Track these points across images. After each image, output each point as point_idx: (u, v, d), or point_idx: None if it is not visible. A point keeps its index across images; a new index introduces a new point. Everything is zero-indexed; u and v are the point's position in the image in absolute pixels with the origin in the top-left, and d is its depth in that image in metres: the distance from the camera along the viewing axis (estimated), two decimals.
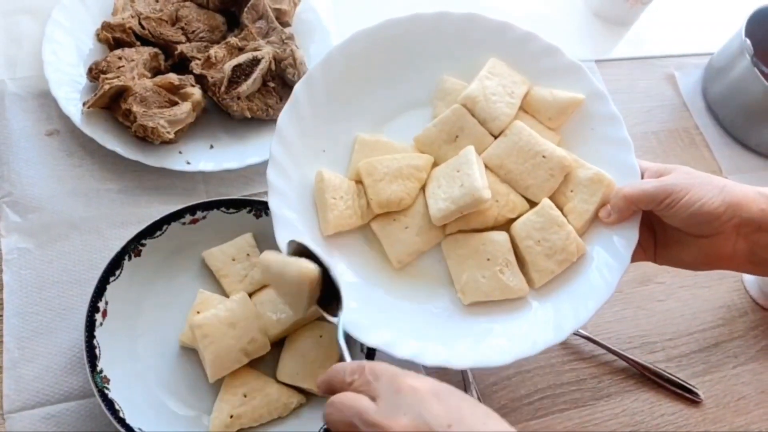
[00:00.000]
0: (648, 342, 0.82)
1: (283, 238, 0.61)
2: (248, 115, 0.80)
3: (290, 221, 0.62)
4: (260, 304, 0.69)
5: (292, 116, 0.66)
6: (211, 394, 0.66)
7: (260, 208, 0.72)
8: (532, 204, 0.68)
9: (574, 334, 0.78)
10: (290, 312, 0.69)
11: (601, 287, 0.63)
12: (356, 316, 0.60)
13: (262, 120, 0.82)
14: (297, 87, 0.66)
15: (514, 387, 0.75)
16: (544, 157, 0.66)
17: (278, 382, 0.67)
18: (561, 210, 0.67)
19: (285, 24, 0.87)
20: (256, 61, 0.79)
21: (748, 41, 0.95)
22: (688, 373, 0.80)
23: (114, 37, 0.80)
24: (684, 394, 0.78)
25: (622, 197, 0.64)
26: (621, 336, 0.81)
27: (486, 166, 0.68)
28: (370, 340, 0.59)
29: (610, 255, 0.65)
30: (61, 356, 0.66)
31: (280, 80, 0.83)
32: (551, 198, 0.67)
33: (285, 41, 0.82)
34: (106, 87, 0.73)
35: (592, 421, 0.75)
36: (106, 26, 0.79)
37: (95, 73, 0.76)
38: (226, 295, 0.70)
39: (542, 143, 0.67)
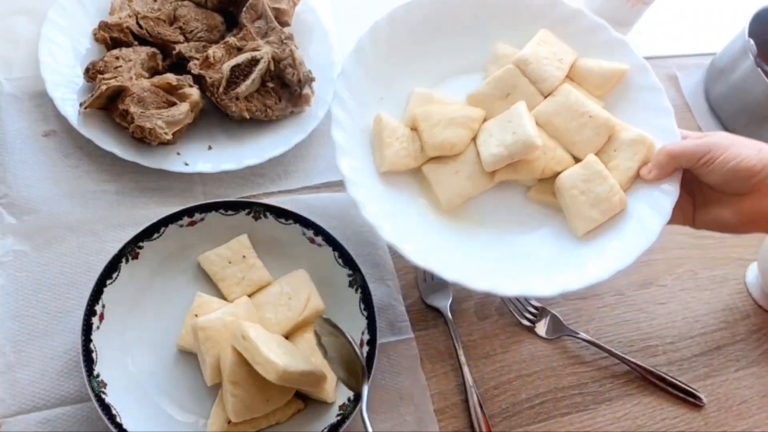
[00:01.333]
0: (649, 345, 0.81)
1: (345, 166, 0.65)
2: (247, 115, 0.79)
3: (351, 151, 0.67)
4: (259, 305, 0.69)
5: (357, 60, 0.71)
6: (209, 399, 0.65)
7: (259, 209, 0.72)
8: (578, 161, 0.72)
9: (576, 337, 0.77)
10: (290, 315, 0.68)
11: (643, 235, 0.67)
12: (410, 245, 0.64)
13: (260, 121, 0.81)
14: (362, 36, 0.71)
15: (515, 391, 0.74)
16: (590, 117, 0.71)
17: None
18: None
19: (284, 24, 0.86)
20: (254, 62, 0.78)
21: (752, 41, 0.94)
22: (690, 376, 0.80)
23: (111, 37, 0.79)
24: (686, 398, 0.77)
25: (665, 153, 0.68)
26: (622, 339, 0.80)
27: (536, 123, 0.71)
28: (421, 262, 0.63)
29: (652, 208, 0.68)
30: (57, 360, 0.65)
31: (279, 81, 0.82)
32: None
33: (284, 41, 0.81)
34: (104, 87, 0.72)
35: (594, 425, 0.74)
36: (104, 26, 0.79)
37: (92, 73, 0.75)
38: (224, 298, 0.69)
39: (589, 104, 0.72)
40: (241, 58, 0.78)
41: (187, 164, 0.76)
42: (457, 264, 0.65)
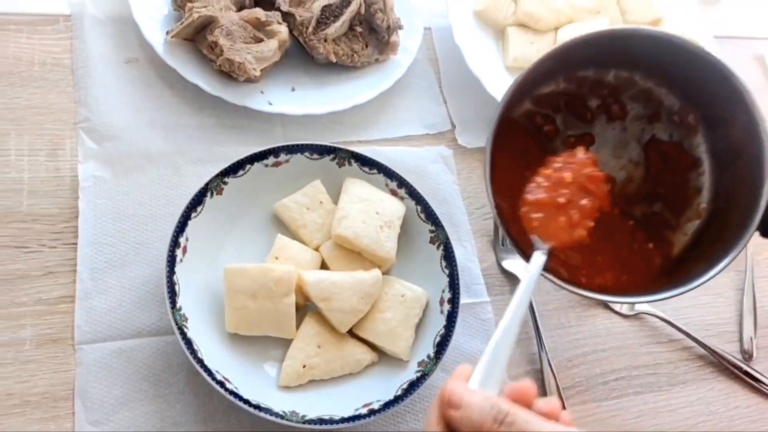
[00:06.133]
0: (726, 331, 0.79)
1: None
2: (333, 59, 0.76)
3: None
4: None
5: None
6: (285, 342, 0.63)
7: (344, 156, 0.69)
8: None
9: (653, 315, 0.75)
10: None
11: None
12: None
13: (343, 66, 0.78)
14: None
15: (589, 365, 0.72)
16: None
17: (353, 336, 0.64)
18: None
19: None
20: (346, 3, 0.75)
21: None
22: (766, 366, 0.77)
23: None
24: (760, 388, 0.75)
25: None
26: (699, 322, 0.78)
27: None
28: None
29: None
30: (134, 291, 0.63)
31: (368, 25, 0.79)
32: None
33: None
34: (195, 16, 0.69)
35: (667, 407, 0.72)
36: None
37: (181, 1, 0.72)
38: (305, 243, 0.67)
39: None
40: None
41: (270, 104, 0.73)
42: None
